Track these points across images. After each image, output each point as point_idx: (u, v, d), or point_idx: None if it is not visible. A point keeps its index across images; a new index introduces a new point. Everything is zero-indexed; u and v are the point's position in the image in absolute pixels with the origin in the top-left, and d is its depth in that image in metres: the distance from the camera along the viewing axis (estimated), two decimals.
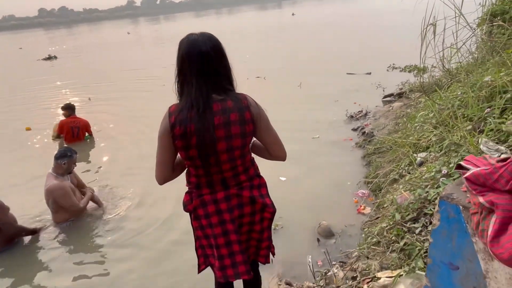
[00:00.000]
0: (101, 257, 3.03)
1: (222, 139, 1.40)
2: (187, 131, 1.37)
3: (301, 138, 5.09)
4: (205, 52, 1.37)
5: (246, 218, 1.63)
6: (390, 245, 2.48)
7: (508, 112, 2.61)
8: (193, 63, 1.37)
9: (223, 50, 1.45)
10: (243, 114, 1.41)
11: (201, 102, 1.36)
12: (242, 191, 1.56)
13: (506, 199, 0.74)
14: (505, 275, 0.80)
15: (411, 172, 3.14)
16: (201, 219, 1.59)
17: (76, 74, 12.76)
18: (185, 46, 1.40)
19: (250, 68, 10.22)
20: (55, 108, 7.84)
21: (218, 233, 1.58)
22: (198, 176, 1.52)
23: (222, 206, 1.55)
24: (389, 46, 11.30)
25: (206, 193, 1.55)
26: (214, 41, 1.42)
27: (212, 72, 1.40)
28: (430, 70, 5.36)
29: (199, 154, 1.41)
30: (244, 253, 1.63)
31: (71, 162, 3.32)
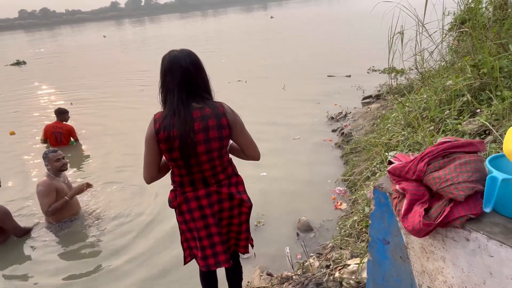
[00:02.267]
0: (88, 255, 3.16)
1: (201, 142, 1.60)
2: (170, 136, 1.56)
3: (283, 139, 5.33)
4: (184, 67, 1.58)
5: (226, 213, 1.83)
6: (360, 236, 2.74)
7: (464, 114, 2.89)
8: (174, 77, 1.58)
9: (201, 65, 1.66)
10: (220, 120, 1.61)
11: (182, 110, 1.55)
12: (221, 188, 1.76)
13: (413, 185, 0.97)
14: (418, 245, 1.04)
15: (382, 170, 3.40)
16: (185, 214, 1.79)
17: (49, 79, 12.62)
18: (167, 62, 1.60)
19: (231, 71, 10.40)
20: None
21: (200, 226, 1.78)
22: (181, 176, 1.72)
23: (203, 202, 1.75)
24: (369, 49, 11.64)
25: (189, 191, 1.75)
26: (193, 57, 1.63)
27: (191, 84, 1.60)
28: (406, 73, 5.69)
29: (181, 156, 1.61)
30: (224, 244, 1.83)
31: (51, 161, 3.37)
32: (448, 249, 0.95)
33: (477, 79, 2.93)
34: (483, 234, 0.86)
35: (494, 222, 0.90)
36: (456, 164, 0.93)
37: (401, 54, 3.67)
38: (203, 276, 2.12)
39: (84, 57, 17.89)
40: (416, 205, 0.95)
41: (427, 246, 1.01)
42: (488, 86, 2.84)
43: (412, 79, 5.36)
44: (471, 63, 3.06)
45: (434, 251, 0.99)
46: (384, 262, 1.18)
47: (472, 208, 0.89)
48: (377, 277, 1.22)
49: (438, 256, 0.99)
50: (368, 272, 1.26)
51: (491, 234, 0.86)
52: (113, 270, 2.97)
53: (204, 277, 2.12)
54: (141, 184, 4.26)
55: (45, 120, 7.08)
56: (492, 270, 0.87)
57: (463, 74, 3.16)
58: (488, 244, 0.86)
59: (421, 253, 1.04)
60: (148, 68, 12.33)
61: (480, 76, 2.91)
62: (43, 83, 11.91)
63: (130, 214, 3.70)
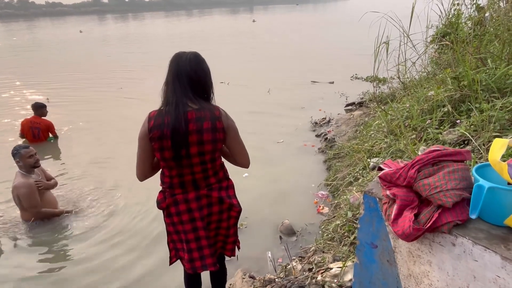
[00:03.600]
0: (66, 254, 3.09)
1: (194, 143, 1.59)
2: (163, 135, 1.56)
3: (267, 142, 5.35)
4: (190, 69, 1.62)
5: (214, 216, 1.82)
6: (342, 240, 2.78)
7: (445, 124, 3.00)
8: (179, 77, 1.61)
9: (206, 68, 1.70)
10: (215, 123, 1.61)
11: (178, 110, 1.56)
12: (211, 192, 1.75)
13: (404, 191, 1.01)
14: (406, 249, 1.07)
15: (364, 175, 3.48)
16: (173, 216, 1.76)
17: (20, 72, 12.17)
18: (174, 62, 1.65)
19: (212, 73, 10.38)
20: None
21: (188, 229, 1.76)
22: (171, 177, 1.70)
23: (193, 205, 1.73)
24: (353, 57, 11.89)
25: (178, 193, 1.72)
26: (200, 60, 1.68)
27: (193, 86, 1.63)
28: (388, 82, 5.84)
29: (173, 157, 1.60)
30: (211, 247, 1.82)
31: (23, 157, 3.27)
32: (435, 253, 0.99)
33: (457, 91, 3.05)
34: (469, 240, 0.91)
35: (479, 228, 0.94)
36: (445, 172, 0.97)
37: (386, 63, 3.78)
38: (187, 278, 2.10)
39: (57, 52, 17.23)
40: (406, 210, 0.99)
41: (414, 250, 1.04)
42: (467, 98, 2.96)
43: (395, 88, 5.51)
44: (452, 75, 3.18)
45: (421, 255, 1.03)
46: (371, 266, 1.21)
47: (459, 214, 0.94)
48: (364, 280, 1.26)
49: (425, 260, 1.02)
50: (354, 275, 1.29)
51: (476, 240, 0.90)
52: (92, 268, 2.91)
53: (188, 279, 2.10)
54: (120, 181, 4.22)
55: (15, 113, 6.86)
56: (476, 274, 0.91)
57: (444, 86, 3.28)
58: (473, 249, 0.90)
59: (408, 257, 1.07)
60: (125, 66, 12.13)
61: (460, 88, 3.03)
62: (14, 76, 11.45)
63: (108, 211, 3.65)
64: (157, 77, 7.92)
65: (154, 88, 7.05)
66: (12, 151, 3.31)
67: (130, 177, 3.99)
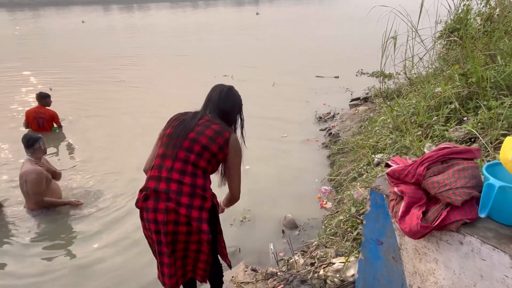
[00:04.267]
0: (70, 245, 3.10)
1: (189, 139, 1.68)
2: (171, 124, 1.78)
3: (271, 136, 5.33)
4: (218, 100, 1.85)
5: (181, 237, 1.69)
6: (345, 235, 2.78)
7: (452, 121, 2.97)
8: (208, 103, 1.88)
9: (235, 104, 1.92)
10: (217, 137, 1.71)
11: (196, 114, 1.80)
12: (179, 208, 1.63)
13: (412, 189, 1.00)
14: (412, 247, 1.07)
15: (369, 171, 3.46)
16: (144, 221, 1.73)
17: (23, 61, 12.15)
18: (210, 90, 1.92)
19: (215, 66, 10.30)
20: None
21: (154, 239, 1.70)
22: (151, 169, 1.74)
23: (159, 217, 1.64)
24: (359, 52, 11.78)
25: (150, 198, 1.67)
26: (231, 94, 1.90)
27: (219, 113, 1.83)
28: (394, 77, 5.79)
29: (166, 143, 1.73)
30: (171, 267, 1.71)
31: (43, 143, 3.41)
32: (442, 251, 0.98)
33: (465, 88, 3.01)
34: (477, 238, 0.90)
35: (488, 227, 0.93)
36: (455, 169, 0.96)
37: (393, 58, 3.74)
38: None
39: (59, 42, 17.15)
40: (413, 207, 0.98)
41: (421, 248, 1.04)
42: (475, 95, 2.92)
43: (401, 84, 5.47)
44: (460, 72, 3.14)
45: (427, 253, 1.02)
46: (376, 262, 1.20)
47: (468, 213, 0.93)
48: (368, 276, 1.25)
49: (431, 258, 1.02)
50: (359, 271, 1.28)
51: (485, 239, 0.89)
52: (96, 258, 2.93)
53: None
54: (122, 171, 4.23)
55: (19, 102, 6.84)
56: (483, 273, 0.90)
57: (451, 82, 3.24)
58: (482, 248, 0.89)
59: (414, 255, 1.07)
60: (126, 58, 12.08)
61: (468, 85, 2.99)
62: (18, 65, 11.43)
63: (112, 202, 3.66)
64: (160, 65, 7.93)
65: (158, 77, 7.04)
66: (31, 137, 3.32)
67: (136, 167, 3.99)
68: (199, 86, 8.31)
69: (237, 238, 3.21)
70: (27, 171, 3.24)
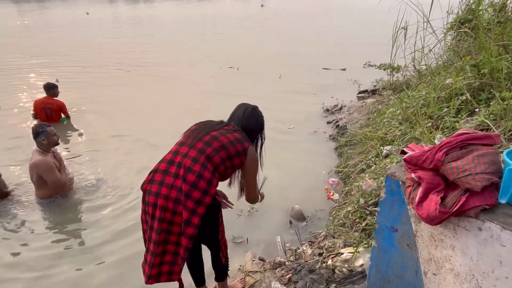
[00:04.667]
0: (80, 235, 3.12)
1: (203, 141, 1.75)
2: (198, 123, 1.92)
3: (277, 127, 5.31)
4: (242, 117, 1.96)
5: (176, 228, 1.67)
6: (353, 226, 2.78)
7: (462, 112, 2.94)
8: (232, 118, 2.00)
9: (257, 123, 2.02)
10: (237, 143, 1.78)
11: (221, 122, 1.92)
12: (180, 195, 1.64)
13: (429, 175, 0.99)
14: (428, 233, 1.06)
15: (377, 163, 3.45)
16: (144, 203, 1.73)
17: (29, 52, 12.20)
18: (235, 108, 2.04)
19: (221, 58, 10.24)
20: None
21: (149, 224, 1.71)
22: (162, 161, 1.76)
23: (160, 202, 1.64)
24: (367, 43, 11.65)
25: (156, 181, 1.69)
26: (254, 114, 2.01)
27: (244, 127, 1.93)
28: (403, 69, 5.73)
29: (188, 135, 1.82)
30: (156, 256, 1.69)
31: (49, 135, 3.35)
32: (459, 238, 0.97)
33: (477, 79, 2.97)
34: (497, 224, 0.89)
35: (508, 213, 0.92)
36: (474, 155, 0.95)
37: (403, 49, 3.69)
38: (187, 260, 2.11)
39: (65, 33, 17.14)
40: (431, 193, 0.97)
41: (437, 234, 1.03)
42: (487, 86, 2.88)
43: (409, 76, 5.41)
44: (471, 63, 3.10)
45: (443, 240, 1.02)
46: (390, 250, 1.20)
47: (487, 198, 0.91)
48: (381, 264, 1.25)
49: (448, 244, 1.01)
50: (372, 259, 1.28)
51: (505, 225, 0.88)
52: (103, 244, 2.98)
53: (188, 258, 2.11)
54: (131, 161, 4.26)
55: (26, 92, 6.83)
56: (502, 259, 0.89)
57: (463, 73, 3.20)
58: (501, 234, 0.88)
59: (429, 241, 1.06)
60: (131, 50, 12.06)
61: (480, 76, 2.95)
62: (24, 55, 11.47)
63: (121, 190, 3.69)
64: (166, 57, 7.87)
65: (164, 68, 7.01)
66: (37, 129, 3.34)
67: (145, 157, 4.00)
68: (205, 77, 8.33)
69: (245, 228, 3.23)
70: (36, 163, 3.26)
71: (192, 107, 6.26)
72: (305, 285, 2.31)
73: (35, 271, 2.74)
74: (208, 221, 1.79)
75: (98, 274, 2.71)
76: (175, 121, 5.41)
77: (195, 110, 6.07)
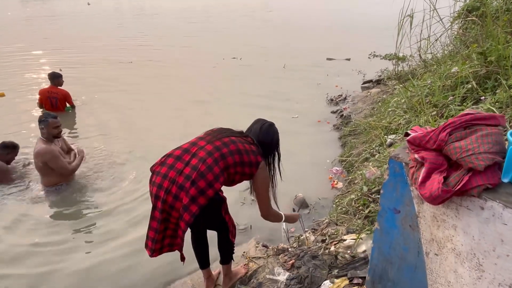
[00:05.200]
0: (84, 222, 3.15)
1: (230, 139, 1.85)
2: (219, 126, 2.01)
3: (281, 117, 5.30)
4: (259, 132, 2.04)
5: (175, 213, 1.75)
6: (357, 213, 2.80)
7: (468, 101, 2.92)
8: (254, 132, 2.05)
9: (273, 140, 2.08)
10: (251, 154, 1.86)
11: (242, 132, 2.02)
12: (186, 182, 1.71)
13: (433, 155, 0.99)
14: (430, 214, 1.07)
15: (381, 152, 3.45)
16: (151, 183, 1.81)
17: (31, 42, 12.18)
18: (252, 123, 2.13)
19: (224, 48, 10.19)
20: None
21: (152, 204, 1.79)
22: (177, 148, 1.86)
23: (165, 184, 1.73)
24: (371, 34, 11.54)
25: (165, 164, 1.79)
26: (269, 130, 2.08)
27: (260, 142, 2.00)
28: (408, 59, 5.68)
29: (208, 133, 1.94)
30: (158, 233, 1.78)
31: (49, 126, 3.35)
32: (461, 217, 0.98)
33: (483, 67, 2.94)
34: (499, 203, 0.89)
35: (510, 192, 0.92)
36: (478, 135, 0.95)
37: (409, 37, 3.65)
38: (192, 239, 2.18)
39: (66, 24, 17.08)
40: (434, 173, 0.98)
41: (439, 215, 1.04)
42: (493, 74, 2.85)
43: (414, 66, 5.36)
44: (478, 51, 3.06)
45: (446, 220, 1.02)
46: (392, 231, 1.21)
47: (490, 178, 0.92)
48: (384, 246, 1.26)
49: (450, 224, 1.02)
50: (374, 241, 1.29)
51: (507, 203, 0.88)
52: (108, 231, 3.01)
53: (193, 240, 2.18)
54: (135, 151, 4.29)
55: (30, 80, 6.80)
56: (503, 238, 0.90)
57: (469, 61, 3.16)
58: (503, 213, 0.89)
59: (432, 222, 1.07)
60: (133, 40, 12.03)
61: (487, 64, 2.92)
62: (26, 46, 11.47)
63: (123, 179, 3.73)
64: (167, 47, 7.83)
65: (166, 58, 6.98)
66: (40, 117, 3.39)
67: (151, 145, 3.99)
68: (208, 67, 8.30)
69: (248, 216, 3.25)
70: (40, 152, 3.29)
71: (196, 96, 6.27)
72: (308, 270, 2.34)
73: (40, 264, 2.71)
74: (210, 214, 1.89)
75: (104, 266, 2.69)
76: (181, 111, 5.44)
77: (198, 99, 6.08)
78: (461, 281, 1.04)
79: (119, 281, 2.56)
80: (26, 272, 2.61)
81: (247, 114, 4.83)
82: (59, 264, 2.69)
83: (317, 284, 2.22)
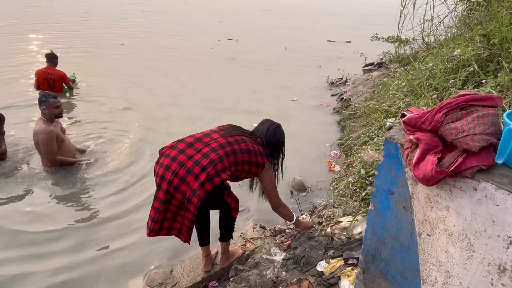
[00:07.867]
0: (81, 204, 3.15)
1: (241, 137, 1.97)
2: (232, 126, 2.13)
3: (281, 99, 5.28)
4: (266, 133, 2.14)
5: (179, 195, 1.78)
6: (353, 196, 2.81)
7: (469, 84, 2.89)
8: (261, 132, 2.15)
9: (279, 141, 2.18)
10: (258, 155, 1.97)
11: (251, 132, 2.13)
12: (194, 168, 1.77)
13: (428, 136, 0.99)
14: (424, 195, 1.07)
15: (380, 135, 3.44)
16: (157, 164, 1.87)
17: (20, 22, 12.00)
18: (259, 123, 2.23)
19: (220, 30, 10.02)
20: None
21: (156, 184, 1.83)
22: (190, 135, 1.95)
23: (173, 166, 1.78)
24: (374, 15, 11.33)
25: (174, 147, 1.87)
26: (276, 131, 2.18)
27: (267, 142, 2.11)
28: (411, 42, 5.58)
29: (222, 128, 2.07)
30: (160, 213, 1.81)
31: (50, 106, 3.32)
32: (454, 198, 0.98)
33: (486, 50, 2.89)
34: (492, 184, 0.89)
35: (504, 174, 0.92)
36: (474, 116, 0.94)
37: (411, 18, 3.57)
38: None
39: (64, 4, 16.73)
40: (429, 154, 0.97)
41: (433, 196, 1.04)
42: (496, 57, 2.81)
43: (417, 49, 5.28)
44: (481, 33, 3.01)
45: (439, 201, 1.03)
46: (386, 212, 1.22)
47: (484, 159, 0.91)
48: (377, 226, 1.27)
49: (443, 205, 1.02)
50: (368, 222, 1.30)
51: (500, 184, 0.88)
52: (107, 216, 3.02)
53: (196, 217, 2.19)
54: (134, 133, 4.29)
55: (27, 61, 6.70)
56: (495, 218, 0.91)
57: (472, 44, 3.11)
58: (496, 194, 0.89)
59: (425, 203, 1.07)
60: (128, 23, 11.82)
61: (490, 46, 2.87)
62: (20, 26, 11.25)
63: (123, 162, 3.72)
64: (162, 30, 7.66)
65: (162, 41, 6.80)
66: (40, 98, 3.34)
67: (146, 126, 3.95)
68: (206, 48, 8.18)
69: (246, 197, 3.25)
70: (37, 131, 3.28)
71: (197, 77, 6.21)
72: (304, 251, 2.38)
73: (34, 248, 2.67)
74: (213, 198, 1.92)
75: (103, 248, 2.70)
76: (184, 91, 5.39)
77: (200, 79, 6.03)
78: (452, 261, 1.06)
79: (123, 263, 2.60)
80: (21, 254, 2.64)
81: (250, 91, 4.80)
82: (51, 247, 2.68)
83: (312, 264, 2.26)
